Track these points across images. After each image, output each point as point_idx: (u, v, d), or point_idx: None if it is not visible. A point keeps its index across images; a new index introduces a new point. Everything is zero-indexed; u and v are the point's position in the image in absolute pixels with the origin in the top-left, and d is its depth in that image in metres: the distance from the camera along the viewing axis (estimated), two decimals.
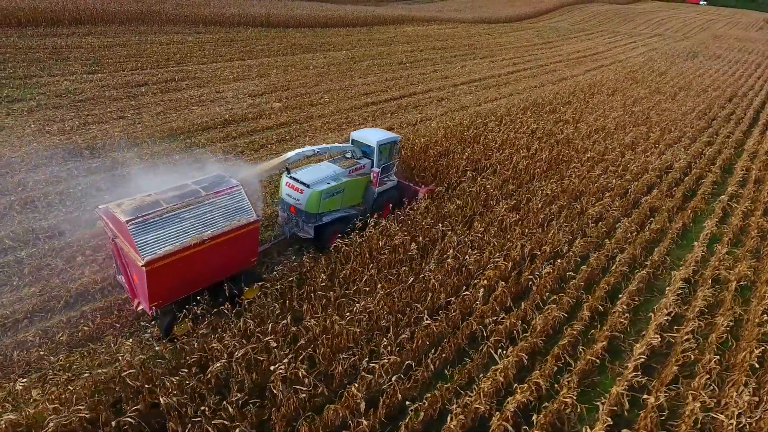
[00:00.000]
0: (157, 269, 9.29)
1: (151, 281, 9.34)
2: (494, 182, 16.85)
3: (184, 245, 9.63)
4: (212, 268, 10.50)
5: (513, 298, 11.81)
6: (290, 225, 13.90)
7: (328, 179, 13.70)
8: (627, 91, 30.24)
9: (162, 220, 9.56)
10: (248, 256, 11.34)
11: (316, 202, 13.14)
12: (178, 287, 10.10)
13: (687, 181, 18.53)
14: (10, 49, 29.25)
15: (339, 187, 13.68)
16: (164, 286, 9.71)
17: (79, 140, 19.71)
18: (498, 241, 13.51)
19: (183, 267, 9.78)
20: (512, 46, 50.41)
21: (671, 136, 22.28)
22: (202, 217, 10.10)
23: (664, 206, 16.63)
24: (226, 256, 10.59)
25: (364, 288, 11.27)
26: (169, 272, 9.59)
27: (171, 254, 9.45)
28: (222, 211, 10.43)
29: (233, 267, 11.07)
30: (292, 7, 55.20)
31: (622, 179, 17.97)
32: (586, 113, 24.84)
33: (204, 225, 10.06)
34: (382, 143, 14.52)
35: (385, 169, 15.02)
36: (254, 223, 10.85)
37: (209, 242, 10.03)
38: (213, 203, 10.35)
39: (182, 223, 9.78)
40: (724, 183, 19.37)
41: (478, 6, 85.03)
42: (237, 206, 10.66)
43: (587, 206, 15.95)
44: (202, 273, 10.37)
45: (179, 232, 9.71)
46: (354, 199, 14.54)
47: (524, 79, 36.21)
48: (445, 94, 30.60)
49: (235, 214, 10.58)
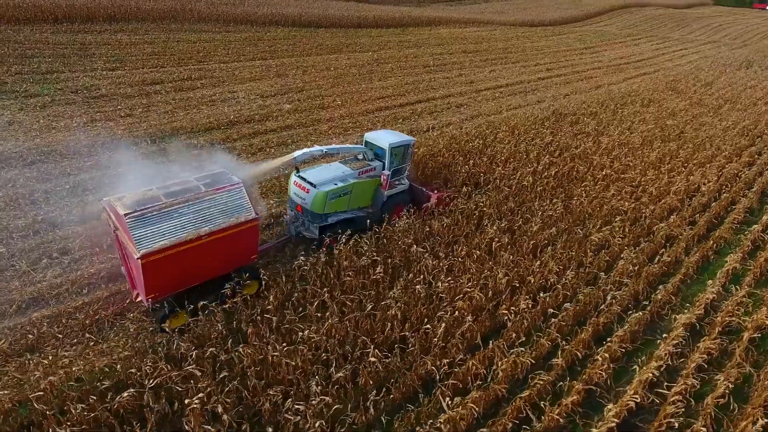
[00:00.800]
0: (153, 262, 9.45)
1: (147, 273, 9.51)
2: (492, 199, 15.56)
3: (180, 240, 9.75)
4: (211, 263, 10.56)
5: (484, 336, 10.61)
6: (297, 224, 13.83)
7: (335, 180, 13.54)
8: (664, 103, 27.93)
9: (160, 215, 9.71)
10: (248, 253, 11.36)
11: (321, 203, 13.05)
12: (175, 281, 10.19)
13: (714, 207, 16.56)
14: (40, 44, 30.11)
15: (346, 189, 13.49)
16: (161, 279, 9.84)
17: (82, 137, 19.77)
18: (479, 267, 12.28)
19: (180, 261, 9.90)
20: (550, 50, 48.17)
21: (704, 154, 20.15)
22: (201, 213, 10.18)
23: (683, 235, 14.85)
24: (224, 253, 10.65)
25: (316, 313, 10.35)
26: (166, 266, 9.71)
27: (167, 248, 9.59)
28: (221, 207, 10.48)
29: (233, 263, 11.07)
30: (326, 7, 54.92)
31: (638, 202, 16.25)
32: (611, 126, 22.96)
33: (202, 221, 10.14)
34: (394, 146, 14.15)
35: (397, 173, 14.67)
36: (253, 221, 10.87)
37: (206, 238, 10.11)
38: (212, 200, 10.41)
39: (180, 219, 9.91)
40: (760, 211, 17.24)
41: (522, 8, 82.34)
42: (237, 204, 10.69)
43: (592, 231, 14.42)
44: (200, 268, 10.43)
45: (177, 227, 9.83)
46: (363, 201, 14.29)
47: (555, 86, 34.27)
48: (466, 100, 29.24)
49: (234, 211, 10.61)
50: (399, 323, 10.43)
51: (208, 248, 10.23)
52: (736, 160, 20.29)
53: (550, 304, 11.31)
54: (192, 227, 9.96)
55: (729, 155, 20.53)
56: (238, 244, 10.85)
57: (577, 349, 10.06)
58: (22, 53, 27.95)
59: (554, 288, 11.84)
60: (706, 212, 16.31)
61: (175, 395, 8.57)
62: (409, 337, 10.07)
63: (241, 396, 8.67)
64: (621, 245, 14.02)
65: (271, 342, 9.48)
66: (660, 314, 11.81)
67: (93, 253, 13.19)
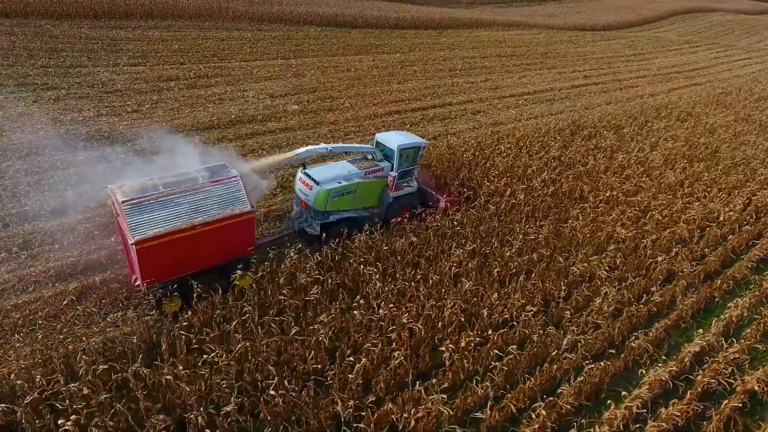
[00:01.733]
0: (147, 248, 9.86)
1: (142, 259, 9.92)
2: (471, 217, 14.34)
3: (174, 228, 10.09)
4: (205, 253, 10.81)
5: (422, 374, 9.54)
6: (300, 220, 13.95)
7: (339, 178, 13.56)
8: (705, 117, 25.36)
9: (156, 204, 10.09)
10: (244, 244, 11.55)
11: (323, 200, 13.10)
12: (171, 267, 10.46)
13: (732, 240, 14.55)
14: (73, 39, 31.25)
15: (350, 188, 13.49)
16: (156, 264, 10.18)
17: (83, 131, 20.12)
18: (430, 294, 11.15)
19: (174, 249, 10.22)
20: (594, 56, 45.45)
21: (735, 178, 17.90)
22: (197, 203, 10.49)
23: (685, 271, 13.04)
24: (219, 243, 10.89)
25: (235, 335, 9.63)
26: (160, 252, 10.06)
27: (161, 236, 9.95)
28: (217, 199, 10.74)
29: (228, 254, 11.30)
30: (364, 7, 54.47)
31: (640, 229, 14.51)
32: (634, 141, 20.94)
33: (197, 211, 10.44)
34: (403, 147, 14.05)
35: (404, 175, 14.56)
36: (248, 213, 11.08)
37: (201, 228, 10.41)
38: (209, 191, 10.70)
39: (176, 208, 10.25)
40: None
41: (575, 12, 78.79)
42: (233, 196, 10.92)
43: (577, 260, 12.91)
44: (195, 257, 10.69)
45: (172, 216, 10.17)
46: (368, 201, 14.24)
47: (588, 95, 32.08)
48: (485, 107, 27.79)
49: (229, 203, 10.85)
50: (325, 352, 9.56)
51: (202, 238, 10.54)
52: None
53: (501, 343, 10.04)
54: (187, 217, 10.30)
55: (765, 180, 18.15)
56: (233, 236, 11.07)
57: (515, 400, 8.80)
58: (53, 47, 29.07)
59: (511, 324, 10.56)
60: (722, 246, 14.34)
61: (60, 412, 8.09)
62: (328, 369, 9.14)
63: (127, 419, 8.06)
64: (609, 279, 12.44)
65: (173, 362, 8.83)
66: (637, 365, 10.29)
67: (50, 250, 13.15)
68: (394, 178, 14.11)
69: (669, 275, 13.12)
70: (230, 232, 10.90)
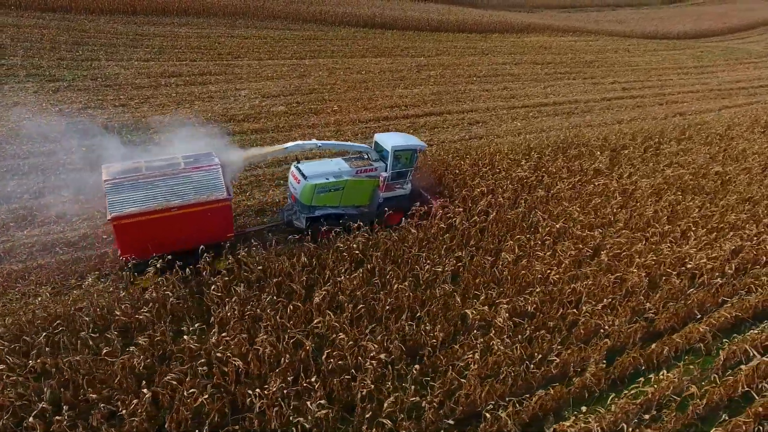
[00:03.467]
0: (122, 225, 10.67)
1: (118, 234, 10.82)
2: (389, 240, 12.93)
3: (149, 209, 10.82)
4: (183, 234, 11.46)
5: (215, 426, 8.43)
6: (290, 212, 14.22)
7: (328, 174, 13.74)
8: (738, 142, 21.83)
9: (136, 185, 10.89)
10: (222, 230, 12.02)
11: (309, 195, 13.38)
12: (149, 245, 11.08)
13: (697, 295, 11.98)
14: (101, 34, 32.76)
15: (338, 185, 13.68)
16: (133, 241, 10.95)
17: (63, 123, 20.75)
18: (284, 325, 9.96)
19: (150, 228, 10.93)
20: (648, 67, 41.29)
21: (733, 218, 14.99)
22: (175, 187, 11.18)
23: (611, 329, 10.84)
24: (196, 227, 11.49)
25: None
26: (137, 230, 10.84)
27: (136, 214, 10.70)
28: (195, 185, 11.36)
29: (207, 238, 11.81)
30: (407, 8, 53.25)
31: (577, 270, 12.35)
32: (630, 165, 18.29)
33: (174, 195, 11.12)
34: (397, 149, 14.11)
35: (398, 176, 14.57)
36: (225, 200, 11.57)
37: (176, 211, 11.07)
38: (188, 177, 11.38)
39: (154, 190, 10.98)
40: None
41: (650, 18, 72.75)
42: (211, 183, 11.47)
43: (475, 303, 11.13)
44: (172, 237, 11.35)
45: (148, 197, 10.91)
46: (358, 200, 14.33)
47: (616, 109, 28.96)
48: (488, 117, 25.79)
49: (206, 189, 11.40)
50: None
51: (178, 220, 11.17)
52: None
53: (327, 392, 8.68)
54: (163, 199, 10.98)
55: None
56: (210, 221, 11.57)
57: None
58: (77, 41, 30.61)
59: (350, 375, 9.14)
60: (681, 301, 11.85)
61: None
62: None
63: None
64: (504, 329, 10.56)
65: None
66: None
67: None
68: (385, 178, 14.11)
69: (596, 330, 10.99)
70: (206, 216, 11.46)
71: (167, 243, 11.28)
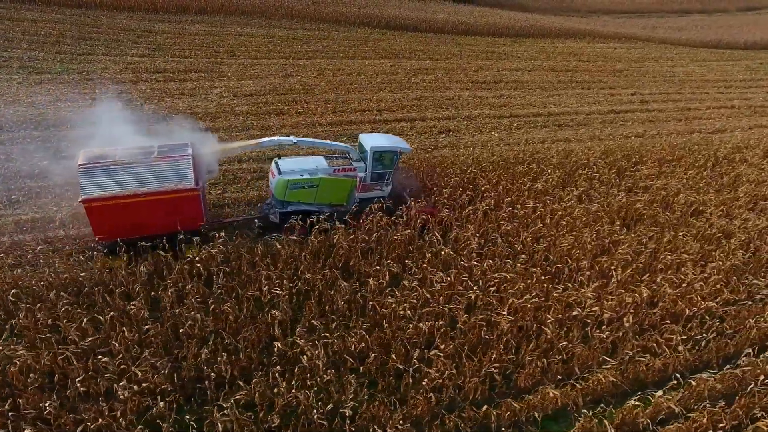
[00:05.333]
0: (94, 207, 11.30)
1: (90, 216, 11.43)
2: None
3: (118, 194, 11.35)
4: (152, 220, 11.89)
5: None
6: (268, 206, 14.41)
7: (303, 171, 13.81)
8: (739, 166, 18.73)
9: (108, 170, 11.47)
10: (192, 219, 12.32)
11: (282, 190, 13.54)
12: (120, 228, 11.71)
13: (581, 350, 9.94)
14: (111, 29, 33.81)
15: (312, 182, 13.72)
16: (105, 223, 11.54)
17: (28, 113, 21.42)
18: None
19: (120, 212, 11.50)
20: (684, 78, 37.25)
21: (671, 258, 12.55)
22: (145, 175, 11.67)
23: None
24: (165, 214, 11.89)
25: None
26: (107, 213, 11.43)
27: (106, 198, 11.28)
28: (164, 174, 11.78)
29: (177, 225, 12.07)
30: (437, 11, 51.55)
31: (436, 313, 10.65)
32: (579, 186, 16.05)
33: (143, 182, 11.60)
34: (376, 149, 14.13)
35: (377, 177, 14.50)
36: (192, 191, 11.88)
37: (144, 197, 11.55)
38: (159, 165, 11.81)
39: (124, 176, 11.52)
40: None
41: (719, 26, 66.35)
42: (180, 173, 11.84)
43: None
44: (143, 222, 11.85)
45: (118, 182, 11.45)
46: (335, 198, 14.31)
47: (620, 123, 26.18)
48: (463, 126, 23.97)
49: (175, 179, 11.79)
50: None
51: (146, 206, 11.63)
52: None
53: None
54: (133, 185, 11.47)
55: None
56: (178, 209, 11.93)
57: None
58: (83, 36, 31.76)
59: None
60: (545, 358, 9.87)
61: None
62: None
63: None
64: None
65: None
66: None
67: None
68: (361, 179, 14.15)
69: (419, 383, 9.32)
70: (174, 205, 11.82)
71: (138, 227, 11.77)
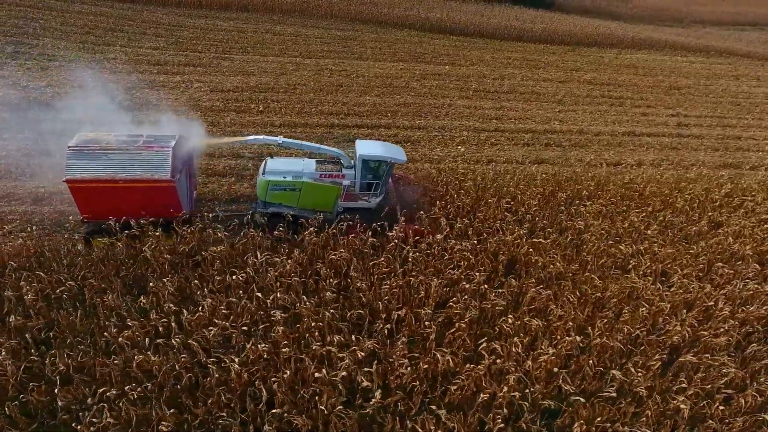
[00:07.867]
0: (77, 188, 12.13)
1: (74, 195, 12.30)
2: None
3: (99, 177, 12.11)
4: (131, 206, 12.52)
5: None
6: (257, 204, 14.35)
7: (288, 173, 13.59)
8: (716, 213, 14.74)
9: (94, 154, 12.23)
10: (168, 208, 12.82)
11: (263, 191, 13.55)
12: (102, 210, 12.46)
13: None
14: (144, 23, 35.36)
15: (294, 185, 13.48)
16: (88, 204, 12.40)
17: (13, 96, 22.76)
18: None
19: (100, 195, 12.32)
20: (754, 101, 31.17)
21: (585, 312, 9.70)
22: (125, 162, 12.33)
23: None
24: (142, 201, 12.53)
25: None
26: (89, 194, 12.27)
27: (87, 181, 12.07)
28: (143, 163, 12.37)
29: (155, 212, 12.72)
30: (491, 15, 48.30)
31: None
32: (492, 218, 13.39)
33: (122, 169, 12.26)
34: (366, 158, 13.54)
35: (366, 187, 13.92)
36: (167, 182, 12.35)
37: (122, 184, 12.23)
38: (139, 155, 12.45)
39: (107, 162, 12.22)
40: None
41: None
42: (158, 164, 12.38)
43: None
44: (122, 206, 12.49)
45: (100, 167, 12.17)
46: (321, 204, 13.87)
47: (636, 148, 22.20)
48: (433, 137, 21.69)
49: (152, 169, 12.34)
50: None
51: (125, 192, 12.29)
52: None
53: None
54: (113, 171, 12.13)
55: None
56: (154, 198, 12.52)
57: None
58: (113, 28, 33.44)
59: None
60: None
61: None
62: None
63: None
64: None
65: None
66: None
67: None
68: (345, 187, 13.63)
69: None
70: (151, 194, 12.38)
71: (119, 210, 12.30)
